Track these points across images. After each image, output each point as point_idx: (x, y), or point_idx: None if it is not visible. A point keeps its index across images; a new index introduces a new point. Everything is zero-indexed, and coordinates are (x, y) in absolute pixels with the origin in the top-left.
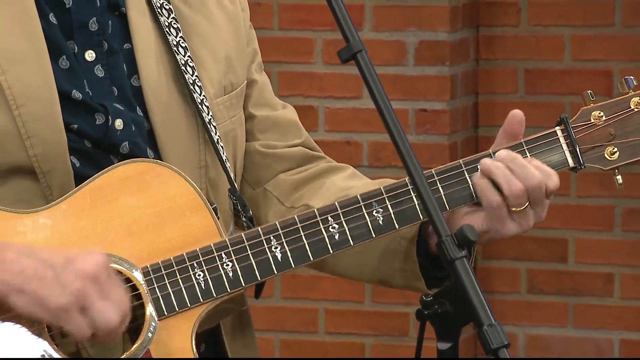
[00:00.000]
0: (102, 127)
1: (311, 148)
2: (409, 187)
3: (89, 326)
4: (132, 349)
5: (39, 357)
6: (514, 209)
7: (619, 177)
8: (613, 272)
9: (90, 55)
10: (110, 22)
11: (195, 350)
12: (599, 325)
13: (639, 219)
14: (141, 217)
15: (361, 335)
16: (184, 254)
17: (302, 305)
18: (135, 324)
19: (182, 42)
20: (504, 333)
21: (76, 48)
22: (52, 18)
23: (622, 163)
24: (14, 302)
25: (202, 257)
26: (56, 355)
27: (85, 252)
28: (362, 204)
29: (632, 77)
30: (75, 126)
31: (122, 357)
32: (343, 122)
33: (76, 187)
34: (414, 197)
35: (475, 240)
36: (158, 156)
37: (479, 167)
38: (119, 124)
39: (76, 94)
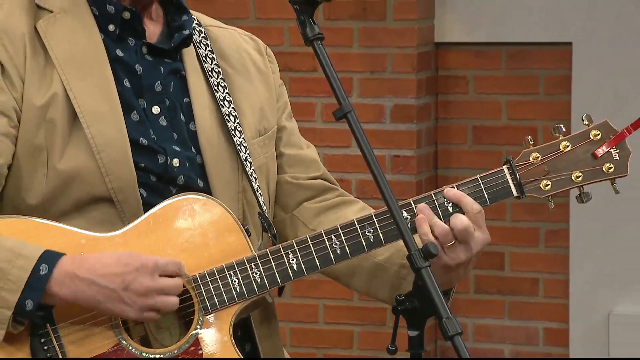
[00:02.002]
0: (163, 165)
1: (328, 180)
2: (387, 214)
3: (157, 317)
4: (185, 337)
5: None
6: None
7: (551, 203)
8: (538, 277)
9: (155, 109)
10: (172, 83)
11: (232, 338)
12: (528, 317)
13: (557, 238)
14: (191, 237)
15: (351, 325)
16: (223, 265)
17: (307, 302)
18: (187, 319)
19: (227, 97)
20: (458, 324)
21: (145, 104)
22: (126, 82)
23: (554, 192)
24: (99, 311)
25: (237, 267)
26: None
27: (136, 266)
28: (357, 225)
29: (561, 125)
30: (143, 165)
31: (177, 343)
32: (337, 164)
33: (144, 213)
34: (396, 223)
35: (436, 254)
36: (207, 185)
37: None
38: (175, 162)
39: (143, 140)
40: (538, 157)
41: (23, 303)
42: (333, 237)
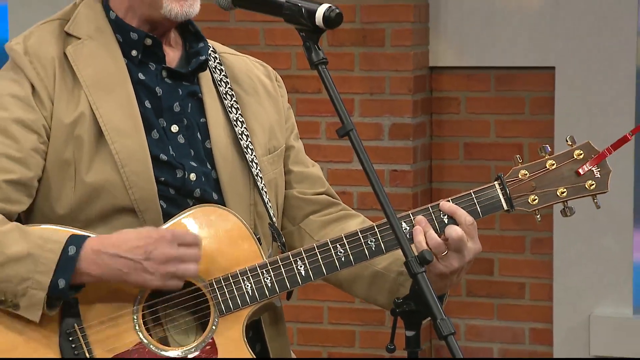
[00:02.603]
0: (181, 179)
1: (332, 195)
2: (387, 225)
3: (180, 284)
4: (201, 337)
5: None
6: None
7: (538, 216)
8: (524, 281)
9: (174, 128)
10: (189, 104)
11: (245, 338)
12: (515, 318)
13: (542, 246)
14: (207, 244)
15: (353, 325)
16: (237, 270)
17: (312, 304)
18: (203, 321)
19: (240, 118)
20: (451, 324)
21: (165, 123)
22: (147, 103)
23: (540, 207)
24: (131, 280)
25: (250, 273)
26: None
27: (155, 237)
28: (360, 235)
29: (547, 146)
30: (163, 179)
31: (194, 343)
32: (340, 178)
33: (163, 223)
34: (394, 233)
35: (430, 260)
36: (221, 198)
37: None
38: (193, 176)
39: (163, 157)
40: (526, 174)
41: (56, 283)
42: (338, 245)
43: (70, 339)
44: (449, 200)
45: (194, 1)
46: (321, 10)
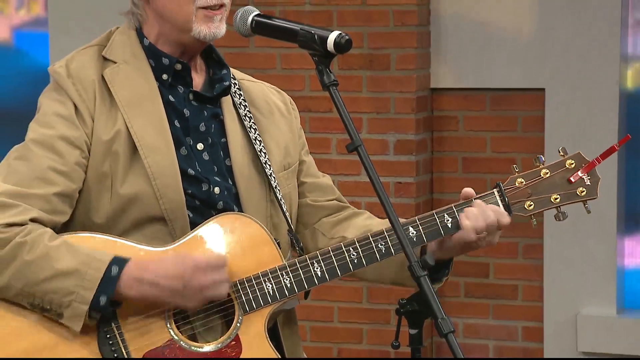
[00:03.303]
0: (206, 192)
1: (341, 201)
2: (393, 231)
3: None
4: (227, 333)
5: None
6: (479, 234)
7: (534, 220)
8: (517, 284)
9: (200, 146)
10: (212, 125)
11: (267, 334)
12: (509, 318)
13: (533, 251)
14: (232, 249)
15: (361, 323)
16: (259, 272)
17: (324, 304)
18: (228, 318)
19: (258, 137)
20: (451, 323)
21: (191, 141)
22: (177, 123)
23: (536, 212)
24: (168, 304)
25: (271, 275)
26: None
27: (192, 266)
28: (371, 239)
29: (542, 156)
30: (190, 191)
31: (220, 338)
32: (349, 190)
33: (191, 230)
34: (399, 241)
35: (432, 264)
36: (240, 210)
37: (450, 213)
38: (216, 190)
39: (190, 171)
40: (522, 182)
41: (98, 299)
42: (351, 249)
43: (108, 336)
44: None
45: (220, 23)
46: (332, 37)
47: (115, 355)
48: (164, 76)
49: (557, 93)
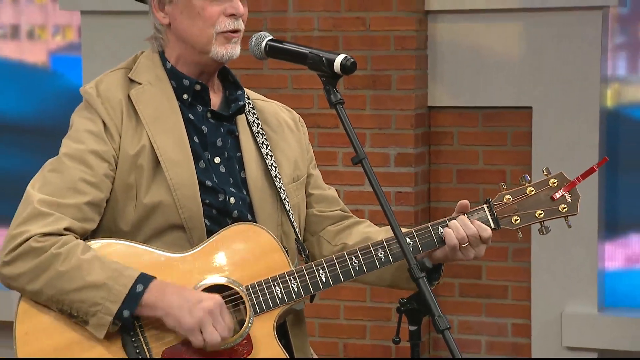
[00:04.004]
0: (223, 202)
1: (345, 211)
2: (394, 240)
3: (201, 341)
4: (239, 332)
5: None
6: (463, 245)
7: (520, 233)
8: (507, 284)
9: (217, 159)
10: (228, 141)
11: (275, 333)
12: (499, 315)
13: (522, 255)
14: (244, 255)
15: (364, 320)
16: (269, 277)
17: (331, 303)
18: (239, 319)
19: (270, 152)
20: (446, 320)
21: (209, 155)
22: (196, 139)
23: (522, 226)
24: (166, 321)
25: (279, 279)
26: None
27: (211, 296)
28: (371, 248)
29: (527, 175)
30: (207, 201)
31: (233, 337)
32: (354, 198)
33: (207, 238)
34: (399, 244)
35: (429, 267)
36: (254, 219)
37: (443, 226)
38: (232, 200)
39: (208, 183)
40: (510, 198)
41: (121, 312)
42: (353, 257)
43: (131, 334)
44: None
45: (236, 45)
46: (339, 59)
47: (138, 352)
48: (185, 96)
49: (543, 111)
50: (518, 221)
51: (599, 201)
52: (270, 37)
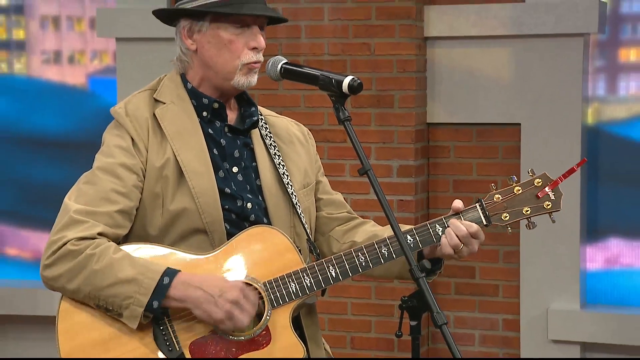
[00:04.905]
0: (241, 207)
1: (351, 213)
2: (396, 239)
3: (232, 327)
4: (259, 324)
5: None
6: (457, 250)
7: (509, 229)
8: (498, 283)
9: (235, 169)
10: (244, 152)
11: (291, 325)
12: (492, 311)
13: (511, 256)
14: (261, 255)
15: (370, 316)
16: (284, 274)
17: (339, 300)
18: (259, 311)
19: (282, 162)
20: (444, 316)
21: (228, 166)
22: (215, 151)
23: (511, 222)
24: (196, 313)
25: (294, 276)
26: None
27: (231, 284)
28: (376, 246)
29: (514, 176)
30: (227, 207)
31: (253, 329)
32: (360, 206)
33: (227, 240)
34: (402, 249)
35: (429, 268)
36: (269, 222)
37: (440, 224)
38: (249, 205)
39: (227, 190)
40: (499, 197)
41: (151, 303)
42: (359, 253)
43: (161, 327)
44: (459, 216)
45: (255, 74)
46: (347, 80)
47: (168, 344)
48: (204, 113)
49: (531, 127)
50: (507, 217)
51: (580, 209)
52: (285, 61)
